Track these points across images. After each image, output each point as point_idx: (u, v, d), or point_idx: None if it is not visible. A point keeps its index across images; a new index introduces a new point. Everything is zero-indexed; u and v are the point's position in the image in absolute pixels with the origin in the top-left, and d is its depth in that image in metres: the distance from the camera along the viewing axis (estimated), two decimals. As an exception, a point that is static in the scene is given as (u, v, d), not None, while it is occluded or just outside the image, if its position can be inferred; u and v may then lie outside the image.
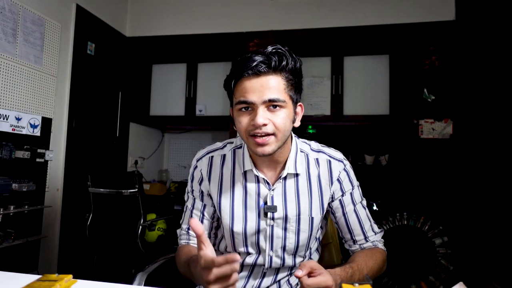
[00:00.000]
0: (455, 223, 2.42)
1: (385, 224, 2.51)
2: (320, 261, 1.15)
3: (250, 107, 0.83)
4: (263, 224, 0.94)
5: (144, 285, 1.02)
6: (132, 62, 3.17)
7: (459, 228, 2.40)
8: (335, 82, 2.89)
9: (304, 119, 2.93)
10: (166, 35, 3.11)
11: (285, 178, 0.94)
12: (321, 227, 1.06)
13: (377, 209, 2.71)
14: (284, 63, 0.82)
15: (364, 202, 1.01)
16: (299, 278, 0.70)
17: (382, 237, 1.03)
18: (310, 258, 1.04)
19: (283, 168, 0.94)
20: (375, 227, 1.00)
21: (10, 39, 2.03)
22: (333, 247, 1.19)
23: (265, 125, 0.81)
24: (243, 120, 0.84)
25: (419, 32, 2.61)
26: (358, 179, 1.01)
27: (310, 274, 0.72)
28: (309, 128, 3.18)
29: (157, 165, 3.61)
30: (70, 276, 0.74)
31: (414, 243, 2.44)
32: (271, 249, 0.94)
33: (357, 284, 0.62)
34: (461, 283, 0.67)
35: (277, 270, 0.98)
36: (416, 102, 2.58)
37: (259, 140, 0.83)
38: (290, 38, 2.87)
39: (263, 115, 0.81)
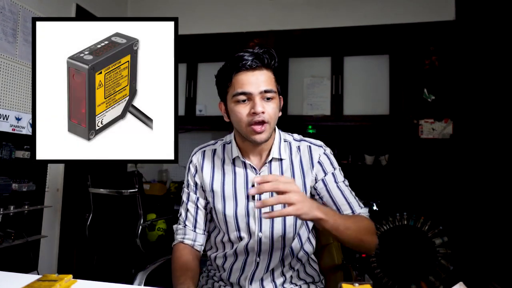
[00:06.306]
0: (455, 223, 2.42)
1: (385, 224, 2.51)
2: (320, 262, 1.16)
3: (247, 99, 0.94)
4: (251, 206, 1.01)
5: (144, 285, 1.03)
6: (132, 62, 3.17)
7: (459, 228, 2.40)
8: (335, 82, 2.89)
9: (304, 119, 2.94)
10: (166, 35, 3.10)
11: (270, 162, 1.03)
12: None
13: (377, 209, 2.71)
14: (273, 61, 0.96)
15: (347, 182, 1.05)
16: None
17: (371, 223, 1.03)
18: (302, 248, 1.06)
19: (268, 154, 1.03)
20: (361, 203, 1.04)
21: (10, 39, 2.03)
22: (334, 247, 1.19)
23: (263, 112, 0.92)
24: (243, 111, 0.94)
25: (419, 32, 2.61)
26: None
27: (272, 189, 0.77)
28: (309, 128, 3.18)
29: (157, 165, 3.61)
30: (70, 276, 0.74)
31: (414, 243, 2.44)
32: (260, 230, 1.00)
33: (357, 284, 0.63)
34: (461, 283, 0.67)
35: (270, 259, 1.01)
36: (416, 102, 2.59)
37: (258, 128, 0.93)
38: (290, 38, 2.87)
39: (261, 104, 0.92)
